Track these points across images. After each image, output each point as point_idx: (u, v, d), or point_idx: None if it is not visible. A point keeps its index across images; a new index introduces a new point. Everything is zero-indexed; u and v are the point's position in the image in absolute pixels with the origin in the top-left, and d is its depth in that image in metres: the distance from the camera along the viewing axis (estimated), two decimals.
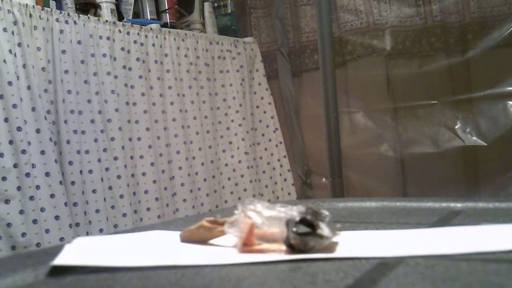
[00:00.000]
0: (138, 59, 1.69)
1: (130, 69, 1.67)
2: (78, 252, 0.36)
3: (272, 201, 0.39)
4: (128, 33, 1.68)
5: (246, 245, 0.35)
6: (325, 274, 0.28)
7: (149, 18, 1.87)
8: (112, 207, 1.59)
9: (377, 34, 1.92)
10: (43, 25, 1.47)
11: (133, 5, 1.81)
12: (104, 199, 1.56)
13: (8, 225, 1.31)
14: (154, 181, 1.70)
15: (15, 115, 1.34)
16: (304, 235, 0.34)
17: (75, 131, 1.51)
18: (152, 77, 1.74)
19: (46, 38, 1.47)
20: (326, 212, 0.36)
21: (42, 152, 1.40)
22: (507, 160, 1.72)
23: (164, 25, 1.90)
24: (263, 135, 2.13)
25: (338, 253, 0.34)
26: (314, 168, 2.13)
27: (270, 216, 0.36)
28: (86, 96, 1.56)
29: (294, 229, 0.34)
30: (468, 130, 1.78)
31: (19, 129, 1.35)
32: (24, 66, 1.39)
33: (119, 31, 1.65)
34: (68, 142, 1.49)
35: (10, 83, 1.35)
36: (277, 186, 2.13)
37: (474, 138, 1.77)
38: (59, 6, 1.58)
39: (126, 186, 1.61)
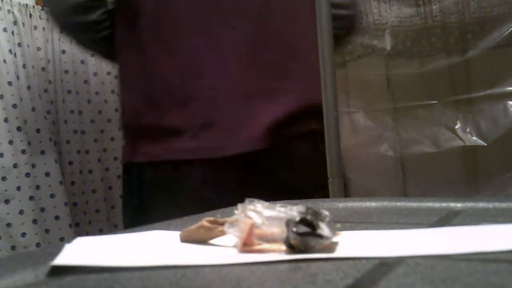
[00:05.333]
0: None
1: None
2: (78, 252, 0.36)
3: (272, 201, 0.39)
4: None
5: (246, 245, 0.35)
6: (325, 274, 0.28)
7: None
8: (112, 207, 1.59)
9: (377, 34, 1.92)
10: (43, 25, 1.47)
11: None
12: (104, 199, 1.56)
13: (8, 225, 1.31)
14: None
15: (15, 115, 1.34)
16: (304, 235, 0.34)
17: (75, 131, 1.51)
18: None
19: (46, 38, 1.47)
20: (326, 212, 0.36)
21: (42, 152, 1.40)
22: (507, 160, 1.72)
23: None
24: None
25: (338, 253, 0.34)
26: None
27: (270, 216, 0.36)
28: (86, 96, 1.56)
29: (294, 229, 0.34)
30: (468, 130, 1.78)
31: (19, 129, 1.35)
32: (24, 66, 1.39)
33: None
34: (68, 142, 1.49)
35: (10, 83, 1.35)
36: None
37: (474, 138, 1.77)
38: None
39: None
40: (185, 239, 0.40)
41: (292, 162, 1.03)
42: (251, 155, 0.98)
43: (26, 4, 1.43)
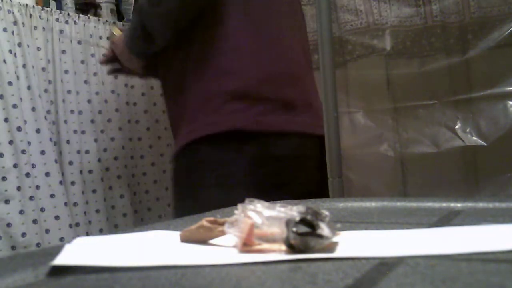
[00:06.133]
0: None
1: None
2: (78, 252, 0.36)
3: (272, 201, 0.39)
4: None
5: (246, 245, 0.35)
6: (325, 274, 0.28)
7: None
8: (112, 207, 1.59)
9: (377, 34, 1.92)
10: (43, 25, 1.47)
11: (133, 5, 1.81)
12: (104, 199, 1.56)
13: (8, 225, 1.31)
14: (155, 181, 1.70)
15: (15, 115, 1.34)
16: (304, 235, 0.34)
17: (75, 131, 1.51)
18: None
19: (46, 38, 1.47)
20: (326, 212, 0.36)
21: (42, 152, 1.40)
22: (507, 160, 1.72)
23: None
24: None
25: (338, 253, 0.34)
26: None
27: (270, 216, 0.36)
28: (86, 96, 1.56)
29: (294, 229, 0.34)
30: (468, 130, 1.78)
31: (19, 129, 1.35)
32: (24, 66, 1.39)
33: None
34: (68, 142, 1.49)
35: (10, 83, 1.35)
36: None
37: (474, 138, 1.77)
38: (59, 6, 1.58)
39: (126, 186, 1.61)
40: (185, 239, 0.40)
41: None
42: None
43: (26, 4, 1.43)
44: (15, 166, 1.33)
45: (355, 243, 0.37)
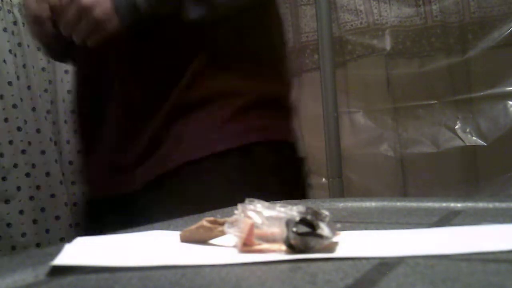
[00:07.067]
0: None
1: None
2: (78, 252, 0.36)
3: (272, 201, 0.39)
4: None
5: (246, 245, 0.35)
6: (325, 274, 0.28)
7: None
8: None
9: (377, 34, 1.92)
10: None
11: None
12: None
13: (8, 225, 1.31)
14: None
15: (15, 115, 1.34)
16: (304, 235, 0.34)
17: (75, 131, 1.51)
18: None
19: None
20: (326, 212, 0.36)
21: (42, 152, 1.40)
22: (507, 160, 1.72)
23: None
24: None
25: (338, 253, 0.34)
26: (314, 168, 2.12)
27: (270, 216, 0.36)
28: None
29: (294, 229, 0.34)
30: (468, 130, 1.78)
31: (19, 129, 1.35)
32: (24, 66, 1.39)
33: None
34: (68, 142, 1.49)
35: (10, 83, 1.35)
36: None
37: (474, 138, 1.77)
38: None
39: None
40: (185, 239, 0.40)
41: None
42: None
43: None
44: (15, 166, 1.33)
45: (355, 243, 0.37)
